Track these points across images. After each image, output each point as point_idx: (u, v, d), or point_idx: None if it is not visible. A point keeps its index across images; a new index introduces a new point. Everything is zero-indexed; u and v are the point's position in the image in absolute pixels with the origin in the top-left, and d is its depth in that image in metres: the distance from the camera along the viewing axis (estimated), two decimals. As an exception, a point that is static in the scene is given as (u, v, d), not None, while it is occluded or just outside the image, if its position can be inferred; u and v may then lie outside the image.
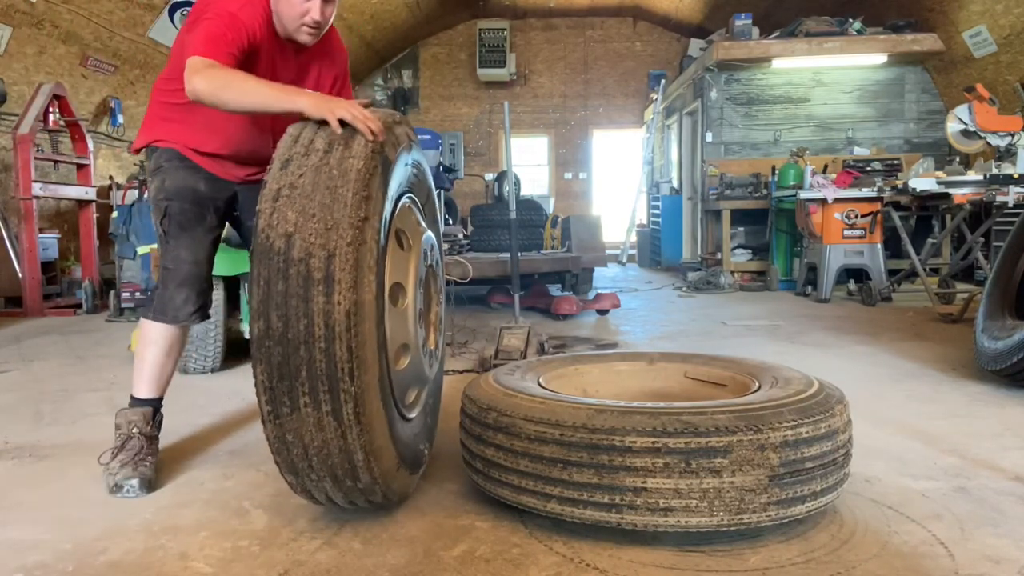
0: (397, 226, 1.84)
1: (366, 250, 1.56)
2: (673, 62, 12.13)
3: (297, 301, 1.51)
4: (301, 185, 1.59)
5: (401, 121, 1.87)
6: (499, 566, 1.56)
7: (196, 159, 2.18)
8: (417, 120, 12.80)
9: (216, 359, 3.61)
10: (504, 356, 3.59)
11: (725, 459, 1.53)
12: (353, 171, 1.60)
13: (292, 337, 1.51)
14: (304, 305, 1.51)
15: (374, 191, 1.61)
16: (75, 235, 6.99)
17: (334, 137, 1.66)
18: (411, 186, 2.01)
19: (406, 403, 1.90)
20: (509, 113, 4.76)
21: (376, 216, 1.62)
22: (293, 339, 1.51)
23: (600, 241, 6.49)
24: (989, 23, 7.11)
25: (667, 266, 9.80)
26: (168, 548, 1.68)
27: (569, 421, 1.60)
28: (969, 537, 1.66)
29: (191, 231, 2.16)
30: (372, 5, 10.45)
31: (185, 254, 2.15)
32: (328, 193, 1.57)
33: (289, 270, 1.52)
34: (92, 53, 7.11)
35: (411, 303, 1.81)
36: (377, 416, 1.61)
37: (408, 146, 1.90)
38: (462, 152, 7.49)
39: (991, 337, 3.16)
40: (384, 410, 1.65)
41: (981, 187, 5.31)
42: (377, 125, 1.68)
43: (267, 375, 1.54)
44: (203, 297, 2.19)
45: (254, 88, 1.82)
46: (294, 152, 1.66)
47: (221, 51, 1.88)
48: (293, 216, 1.56)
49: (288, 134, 1.72)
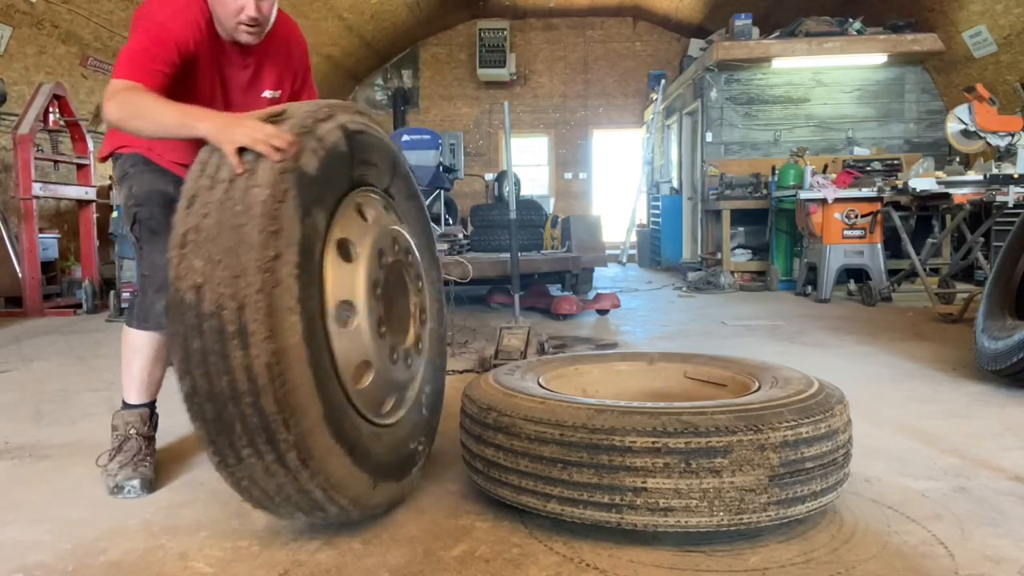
0: (339, 237, 1.69)
1: (282, 291, 1.45)
2: (673, 62, 12.13)
3: (216, 358, 1.42)
4: (206, 227, 1.47)
5: (330, 115, 1.70)
6: (499, 566, 1.56)
7: (161, 161, 2.11)
8: (417, 120, 12.80)
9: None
10: (504, 356, 3.59)
11: (725, 459, 1.53)
12: (258, 204, 1.46)
13: (219, 393, 1.44)
14: (223, 361, 1.42)
15: (286, 221, 1.48)
16: (75, 235, 6.99)
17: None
18: (360, 176, 1.83)
19: (382, 413, 1.82)
20: (509, 113, 4.76)
21: (292, 248, 1.48)
22: (220, 395, 1.44)
23: (600, 241, 6.49)
24: (989, 23, 7.11)
25: (667, 266, 9.80)
26: (168, 548, 1.68)
27: (569, 421, 1.60)
28: (969, 537, 1.66)
29: (164, 235, 2.08)
30: (372, 5, 10.45)
31: (161, 259, 2.07)
32: (233, 234, 1.44)
33: (203, 325, 1.43)
34: (92, 53, 7.11)
35: (364, 318, 1.68)
36: (331, 452, 1.53)
37: (345, 135, 1.72)
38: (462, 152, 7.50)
39: (991, 337, 3.16)
40: (341, 441, 1.56)
41: (981, 187, 5.32)
42: (284, 140, 1.53)
43: (205, 430, 1.48)
44: None
45: (161, 114, 1.73)
46: (200, 185, 1.54)
47: (144, 70, 1.81)
48: (200, 264, 1.45)
49: (196, 161, 1.60)
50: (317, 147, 1.61)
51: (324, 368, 1.56)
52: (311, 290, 1.54)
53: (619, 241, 10.92)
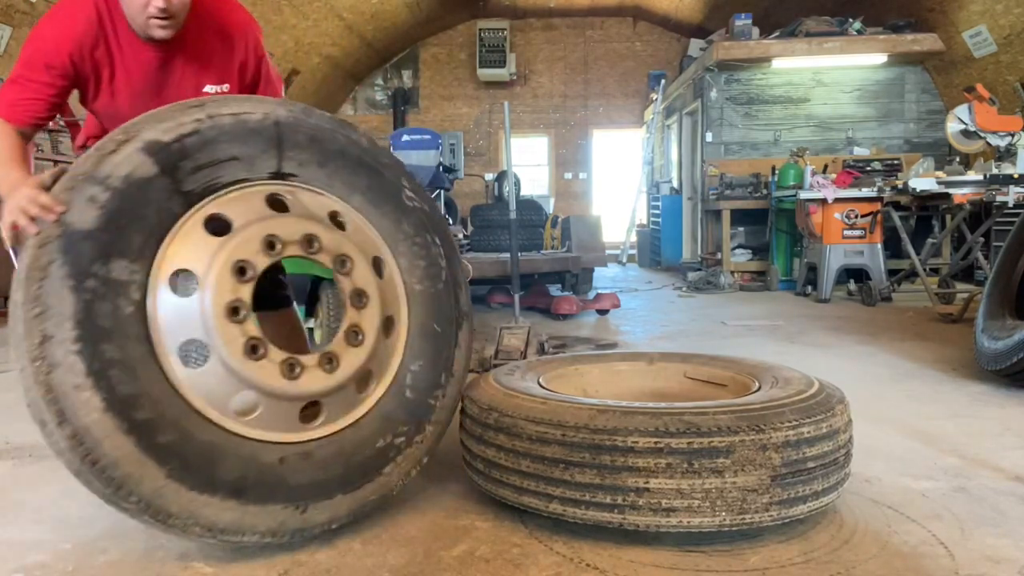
0: (175, 269, 1.56)
1: (64, 372, 1.40)
2: (673, 62, 12.12)
3: (49, 443, 1.46)
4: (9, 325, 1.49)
5: (124, 140, 1.56)
6: (499, 566, 1.56)
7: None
8: (417, 120, 12.79)
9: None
10: (504, 356, 3.59)
11: (727, 459, 1.53)
12: (19, 289, 1.44)
13: (72, 471, 1.48)
14: (54, 447, 1.46)
15: (51, 298, 1.41)
16: (75, 235, 6.98)
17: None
18: (207, 182, 1.64)
19: (311, 427, 1.67)
20: (509, 113, 4.76)
21: (65, 324, 1.41)
22: (75, 473, 1.48)
23: (600, 241, 6.50)
24: (989, 23, 7.11)
25: (667, 266, 9.80)
26: (168, 548, 1.68)
27: (571, 422, 1.60)
28: (969, 537, 1.66)
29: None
30: (372, 5, 10.45)
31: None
32: (16, 323, 1.44)
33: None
34: (92, 53, 7.10)
35: (222, 350, 1.54)
36: (200, 503, 1.49)
37: (152, 152, 1.56)
38: (462, 152, 7.50)
39: (991, 337, 3.16)
40: (213, 488, 1.51)
41: (981, 187, 5.32)
42: (38, 206, 1.45)
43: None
44: None
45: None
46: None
47: (8, 104, 1.80)
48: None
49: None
50: (98, 192, 1.50)
51: (159, 424, 1.47)
52: (113, 353, 1.45)
53: (619, 241, 10.92)
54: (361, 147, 1.92)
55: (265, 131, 1.74)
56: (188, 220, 1.60)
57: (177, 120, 1.63)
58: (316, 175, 1.82)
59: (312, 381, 1.66)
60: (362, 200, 1.88)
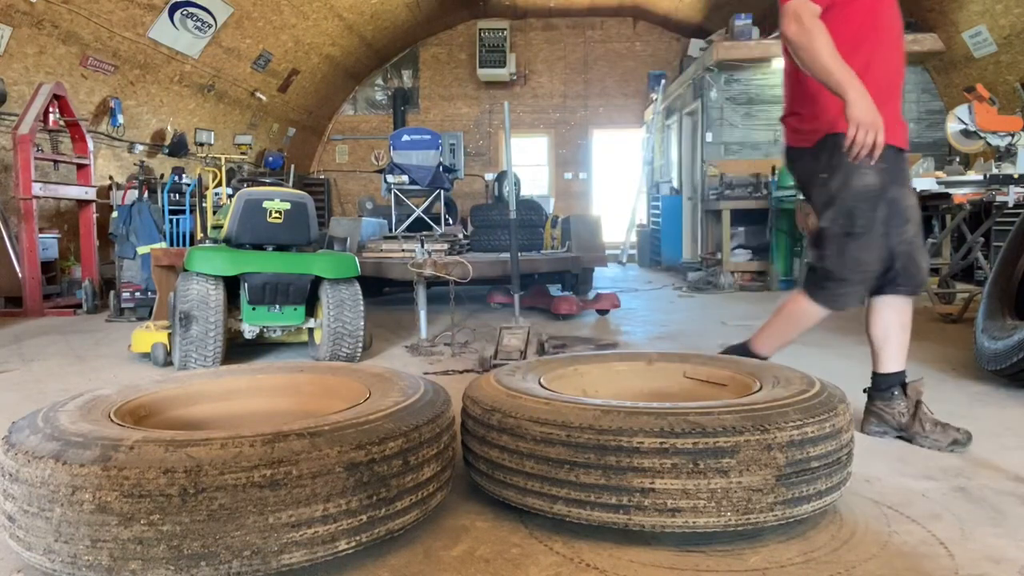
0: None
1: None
2: (673, 62, 12.13)
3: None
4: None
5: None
6: (499, 566, 1.57)
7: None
8: (417, 120, 12.80)
9: (216, 358, 3.61)
10: (504, 356, 3.59)
11: (732, 459, 1.53)
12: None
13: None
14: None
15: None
16: (75, 235, 6.99)
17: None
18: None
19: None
20: (509, 113, 4.76)
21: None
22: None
23: (600, 241, 6.50)
24: (989, 23, 7.12)
25: (667, 266, 9.80)
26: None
27: (576, 422, 1.60)
28: (969, 537, 1.66)
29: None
30: (372, 5, 10.46)
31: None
32: None
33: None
34: (92, 53, 7.10)
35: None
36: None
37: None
38: (462, 152, 7.49)
39: (991, 337, 3.16)
40: None
41: (981, 187, 5.32)
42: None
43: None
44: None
45: (820, 51, 1.95)
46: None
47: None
48: None
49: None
50: None
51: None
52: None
53: (619, 241, 10.93)
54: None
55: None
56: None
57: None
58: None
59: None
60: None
